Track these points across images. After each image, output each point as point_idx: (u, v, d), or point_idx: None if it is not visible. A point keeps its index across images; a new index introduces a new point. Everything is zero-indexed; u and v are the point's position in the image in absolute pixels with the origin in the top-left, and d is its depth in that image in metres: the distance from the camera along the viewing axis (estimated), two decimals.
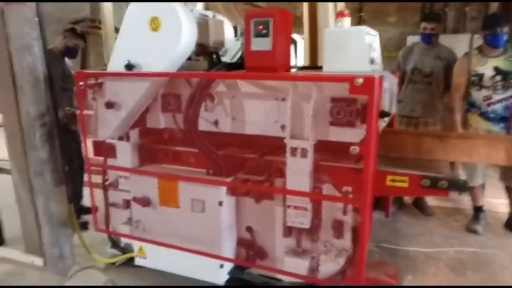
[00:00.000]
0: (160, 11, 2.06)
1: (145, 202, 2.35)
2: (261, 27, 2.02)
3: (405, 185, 2.04)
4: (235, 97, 2.19)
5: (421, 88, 3.62)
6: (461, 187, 1.97)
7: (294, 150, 2.03)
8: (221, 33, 2.36)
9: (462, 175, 2.10)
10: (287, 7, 2.31)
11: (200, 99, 2.15)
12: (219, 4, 4.00)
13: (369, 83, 1.66)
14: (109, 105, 2.24)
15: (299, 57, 4.27)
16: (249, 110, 2.17)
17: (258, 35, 2.03)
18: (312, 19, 3.60)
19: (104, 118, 2.30)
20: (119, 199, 2.61)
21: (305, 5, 3.69)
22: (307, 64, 3.79)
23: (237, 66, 2.30)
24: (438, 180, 1.99)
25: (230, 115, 2.23)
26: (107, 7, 8.15)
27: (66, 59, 3.50)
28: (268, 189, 2.18)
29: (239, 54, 2.70)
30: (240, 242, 2.40)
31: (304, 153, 2.01)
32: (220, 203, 2.20)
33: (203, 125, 2.25)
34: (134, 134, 2.43)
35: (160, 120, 2.40)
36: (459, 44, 4.16)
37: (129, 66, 2.13)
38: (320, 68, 2.30)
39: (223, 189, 2.21)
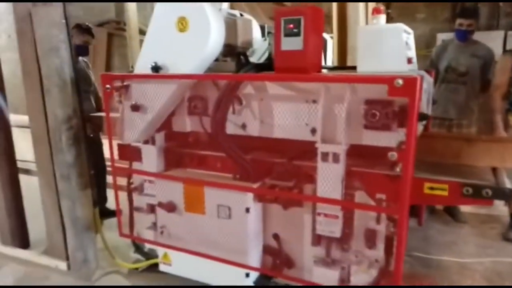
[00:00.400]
0: (188, 11, 2.00)
1: (170, 207, 2.30)
2: (292, 25, 1.93)
3: (445, 193, 1.91)
4: (264, 100, 2.11)
5: (455, 88, 3.45)
6: (508, 195, 1.83)
7: (325, 155, 1.93)
8: (249, 33, 2.29)
9: (507, 182, 1.95)
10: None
11: (228, 102, 2.08)
12: (243, 2, 3.93)
13: (410, 84, 1.55)
14: (135, 108, 2.20)
15: (328, 57, 4.16)
16: (278, 112, 2.08)
17: (289, 34, 1.94)
18: (342, 17, 3.48)
19: (130, 121, 2.26)
20: (143, 204, 2.57)
21: (335, 3, 3.57)
22: (335, 64, 3.67)
23: (266, 67, 2.21)
24: (481, 188, 1.85)
25: (258, 118, 2.15)
26: (132, 8, 8.22)
27: (81, 61, 3.49)
28: (297, 196, 2.09)
29: (266, 55, 2.62)
30: (266, 250, 2.31)
31: (336, 158, 1.91)
32: (247, 210, 2.13)
33: (230, 128, 2.18)
34: (160, 137, 2.39)
35: (186, 124, 2.34)
36: (491, 42, 3.95)
37: (156, 68, 2.08)
38: (352, 68, 2.19)
39: (250, 195, 2.13)
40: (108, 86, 2.20)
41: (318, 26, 2.01)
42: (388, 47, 1.88)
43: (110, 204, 3.55)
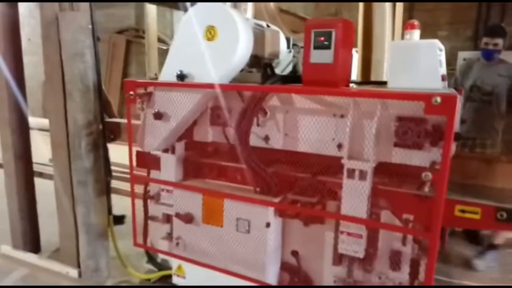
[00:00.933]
0: (217, 20, 1.97)
1: (188, 218, 2.24)
2: (322, 38, 1.88)
3: (477, 217, 1.82)
4: (289, 112, 2.06)
5: (480, 107, 3.36)
6: None
7: (351, 172, 1.87)
8: (276, 44, 2.25)
9: None
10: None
11: (253, 113, 2.04)
12: (265, 13, 3.92)
13: (449, 102, 1.48)
14: (158, 116, 2.17)
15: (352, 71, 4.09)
16: (303, 126, 2.03)
17: (319, 46, 1.90)
18: (367, 31, 3.45)
19: (152, 129, 2.22)
20: (159, 213, 2.52)
21: (360, 16, 3.54)
22: (359, 79, 3.62)
23: (293, 79, 2.17)
24: None
25: (283, 131, 2.10)
26: (151, 16, 8.32)
27: None
28: (321, 213, 2.02)
29: (290, 67, 2.58)
30: (285, 267, 2.24)
31: (362, 176, 1.84)
32: (268, 225, 2.06)
33: (253, 140, 2.12)
34: (180, 146, 2.35)
35: (208, 133, 2.30)
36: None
37: (181, 76, 2.05)
38: (381, 83, 2.13)
39: (271, 209, 2.07)
40: (131, 92, 2.18)
41: (348, 39, 1.97)
42: (422, 63, 1.82)
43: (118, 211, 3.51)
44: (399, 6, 3.89)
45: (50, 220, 2.80)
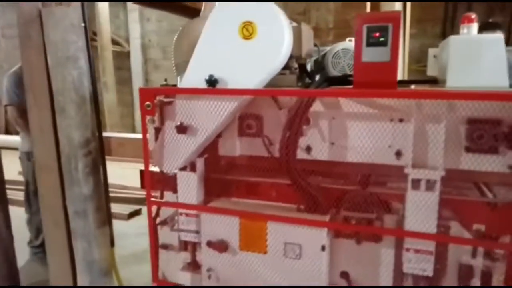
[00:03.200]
0: (256, 14, 1.68)
1: (223, 247, 1.93)
2: (378, 33, 1.67)
3: None
4: (336, 118, 1.83)
5: None
6: None
7: (416, 182, 1.68)
8: (311, 42, 2.01)
9: None
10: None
11: (302, 122, 1.77)
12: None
13: None
14: (182, 129, 1.83)
15: None
16: (353, 133, 1.80)
17: (373, 43, 1.69)
18: None
19: (173, 145, 1.88)
20: (173, 240, 2.17)
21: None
22: None
23: (339, 80, 1.94)
24: None
25: (328, 139, 1.86)
26: (104, 16, 7.66)
27: None
28: (386, 231, 1.80)
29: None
30: None
31: (430, 186, 1.67)
32: (323, 248, 1.81)
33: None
34: (201, 163, 2.02)
35: (236, 146, 2.00)
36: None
37: (212, 82, 1.73)
38: (429, 82, 1.98)
39: (325, 230, 1.82)
40: (148, 103, 1.81)
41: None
42: (486, 60, 1.67)
43: None
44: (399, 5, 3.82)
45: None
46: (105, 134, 2.54)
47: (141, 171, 2.15)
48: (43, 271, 2.59)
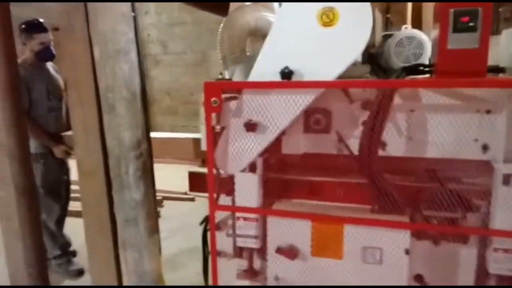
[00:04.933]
0: None
1: (293, 253, 1.78)
2: (466, 18, 1.55)
3: None
4: (415, 111, 1.70)
5: None
6: None
7: (507, 177, 1.57)
8: (380, 29, 1.87)
9: None
10: None
11: (386, 116, 1.64)
12: None
13: None
14: (251, 127, 1.67)
15: None
16: (435, 127, 1.68)
17: (461, 29, 1.56)
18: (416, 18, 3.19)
19: (241, 144, 1.72)
20: (225, 246, 2.02)
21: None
22: None
23: (415, 70, 1.81)
24: None
25: (406, 134, 1.73)
26: None
27: (51, 70, 2.94)
28: (478, 231, 1.69)
29: None
30: None
31: None
32: (407, 252, 1.69)
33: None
34: (261, 163, 1.87)
35: (300, 144, 1.85)
36: (493, 47, 3.90)
37: (287, 74, 1.58)
38: (499, 70, 1.87)
39: (408, 232, 1.70)
40: (215, 99, 1.65)
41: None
42: None
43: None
44: None
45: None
46: None
47: (190, 173, 2.00)
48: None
